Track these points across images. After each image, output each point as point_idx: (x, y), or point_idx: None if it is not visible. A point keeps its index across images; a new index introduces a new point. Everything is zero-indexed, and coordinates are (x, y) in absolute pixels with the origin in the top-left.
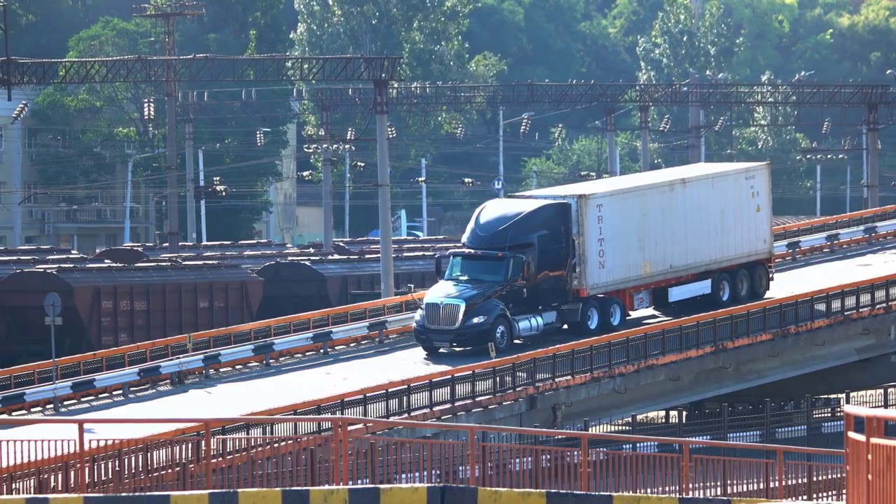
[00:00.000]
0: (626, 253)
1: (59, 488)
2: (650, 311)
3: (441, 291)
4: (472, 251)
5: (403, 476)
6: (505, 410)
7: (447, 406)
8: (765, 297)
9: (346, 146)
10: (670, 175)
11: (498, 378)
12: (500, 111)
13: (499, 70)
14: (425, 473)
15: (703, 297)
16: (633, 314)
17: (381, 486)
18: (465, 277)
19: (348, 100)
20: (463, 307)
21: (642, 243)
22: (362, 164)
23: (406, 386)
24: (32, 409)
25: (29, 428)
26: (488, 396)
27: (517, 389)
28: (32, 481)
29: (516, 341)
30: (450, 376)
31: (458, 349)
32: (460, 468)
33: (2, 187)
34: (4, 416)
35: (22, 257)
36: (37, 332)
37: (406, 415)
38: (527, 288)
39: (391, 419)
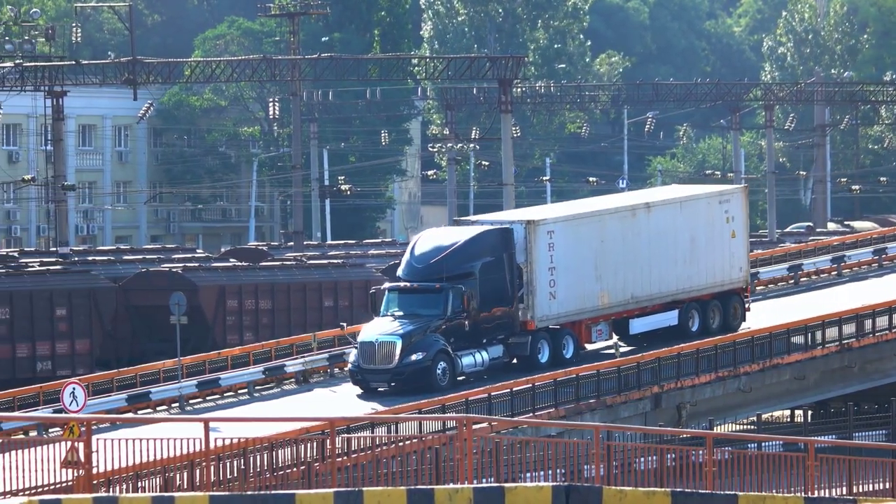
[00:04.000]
0: (581, 282)
1: (185, 487)
2: (611, 342)
3: (376, 328)
4: (408, 284)
5: (528, 475)
6: (629, 409)
7: (572, 405)
8: (740, 329)
9: (471, 145)
10: (633, 199)
11: (623, 377)
12: (624, 110)
13: (623, 69)
14: (550, 472)
15: (671, 328)
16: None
17: (506, 484)
18: (401, 313)
19: (473, 99)
20: (400, 344)
21: (599, 272)
22: (487, 163)
23: (531, 385)
24: (158, 408)
25: (155, 426)
26: (613, 395)
27: (642, 388)
28: (158, 480)
29: (459, 378)
30: (574, 375)
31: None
32: (585, 467)
33: (128, 187)
34: (130, 415)
35: (147, 256)
36: (162, 331)
37: (531, 414)
38: (469, 321)
39: (516, 418)
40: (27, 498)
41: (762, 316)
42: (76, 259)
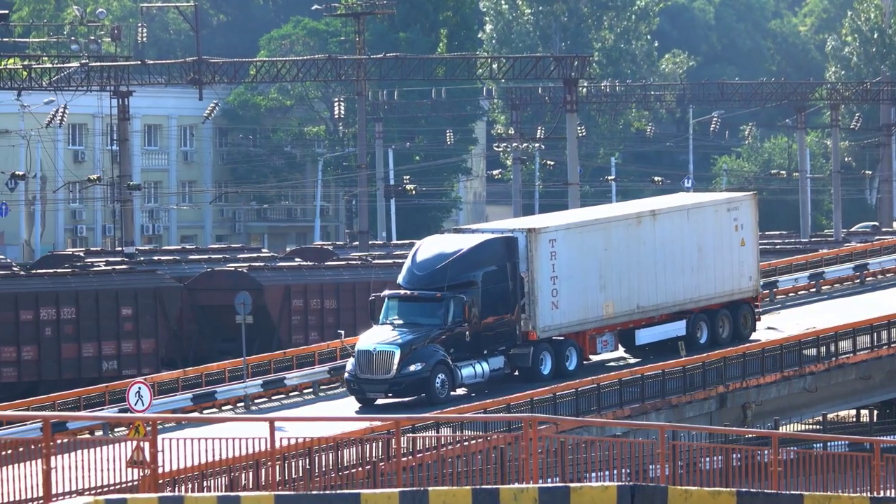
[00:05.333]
0: (584, 292)
1: (250, 486)
2: (618, 353)
3: (374, 337)
4: (409, 292)
5: (593, 475)
6: (695, 409)
7: (637, 405)
8: (750, 339)
9: (536, 144)
10: (639, 207)
11: (688, 377)
12: (689, 109)
13: (689, 68)
14: (615, 472)
15: (679, 339)
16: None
17: (571, 484)
18: (400, 321)
19: (538, 98)
20: (398, 354)
21: (604, 281)
22: (552, 163)
23: (596, 384)
24: (223, 408)
25: (220, 426)
26: (678, 395)
27: (707, 388)
28: (224, 479)
29: (460, 391)
30: (639, 375)
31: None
32: (650, 467)
33: (193, 186)
34: (196, 414)
35: (213, 256)
36: (228, 331)
37: (596, 413)
38: (470, 331)
39: (581, 418)
40: (93, 497)
41: (828, 315)
42: (142, 259)
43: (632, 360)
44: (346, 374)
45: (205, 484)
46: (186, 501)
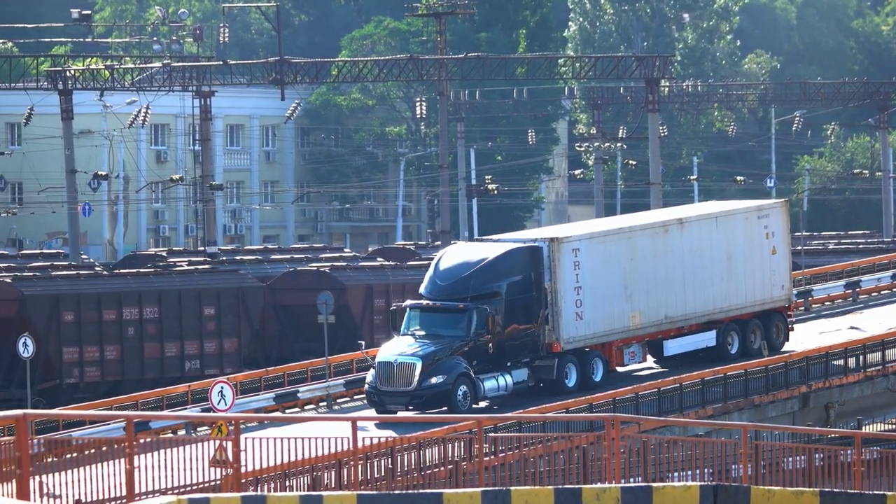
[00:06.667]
0: (610, 302)
1: (333, 486)
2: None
3: (395, 348)
4: (431, 303)
5: (675, 474)
6: (777, 409)
7: (719, 404)
8: (783, 349)
9: (618, 144)
10: (665, 215)
11: (770, 376)
12: (771, 109)
13: (771, 68)
14: (697, 472)
15: (709, 350)
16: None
17: (654, 484)
18: (422, 332)
19: (620, 98)
20: (419, 366)
21: (630, 291)
22: (634, 162)
23: (678, 384)
24: (306, 407)
25: (302, 426)
26: (761, 395)
27: (790, 388)
28: (306, 479)
29: (482, 403)
30: (722, 375)
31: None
32: (733, 466)
33: (275, 186)
34: (278, 414)
35: (295, 256)
36: (310, 330)
37: (678, 413)
38: (493, 343)
39: (663, 417)
40: (176, 497)
41: None
42: (224, 258)
43: (660, 371)
44: (367, 386)
45: (287, 483)
46: (269, 501)
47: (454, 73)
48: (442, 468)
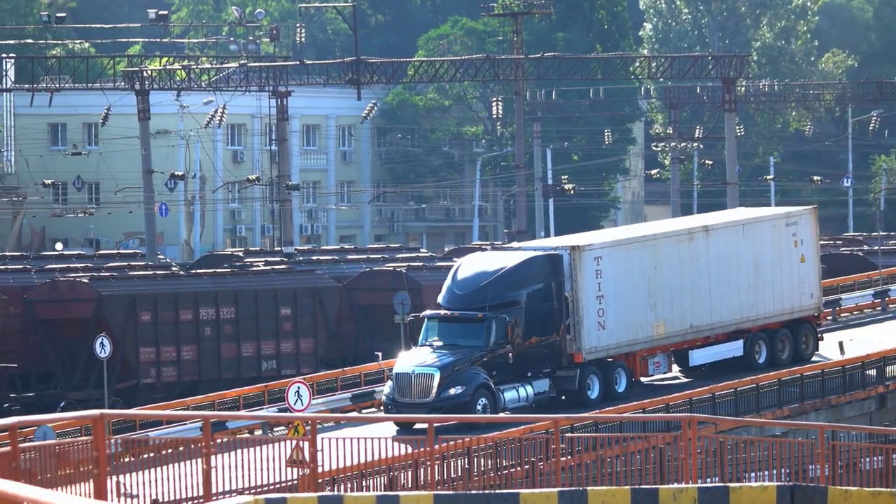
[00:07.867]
0: (633, 311)
1: (409, 486)
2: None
3: (413, 359)
4: (449, 313)
5: (752, 475)
6: (854, 409)
7: (796, 405)
8: (812, 359)
9: (694, 144)
10: (691, 222)
11: (847, 377)
12: (849, 108)
13: (848, 67)
14: (774, 472)
15: (736, 360)
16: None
17: (731, 484)
18: (440, 343)
19: (696, 98)
20: (437, 377)
21: (654, 300)
22: (710, 162)
23: (755, 384)
24: (382, 407)
25: (379, 426)
26: (837, 395)
27: (867, 388)
28: (383, 479)
29: (502, 415)
30: (798, 375)
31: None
32: (810, 467)
33: (351, 186)
34: (355, 414)
35: (371, 256)
36: (386, 331)
37: (755, 413)
38: (513, 353)
39: (740, 418)
40: (253, 496)
41: None
42: (301, 258)
43: (686, 381)
44: (384, 398)
45: (364, 483)
46: (346, 501)
47: (530, 73)
48: (518, 468)
